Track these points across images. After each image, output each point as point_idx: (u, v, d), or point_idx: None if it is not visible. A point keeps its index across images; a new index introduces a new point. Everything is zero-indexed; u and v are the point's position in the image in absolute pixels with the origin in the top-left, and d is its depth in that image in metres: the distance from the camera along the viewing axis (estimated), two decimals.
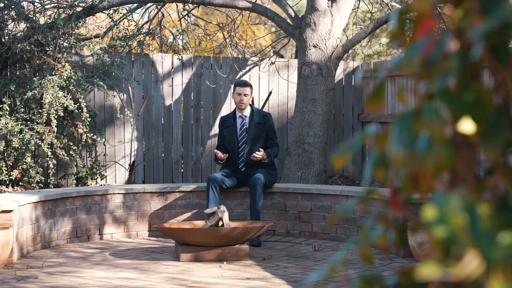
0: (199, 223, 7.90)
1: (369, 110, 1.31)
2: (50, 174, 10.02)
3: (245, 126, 8.61)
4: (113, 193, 8.62)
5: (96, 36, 11.66)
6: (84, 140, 9.87)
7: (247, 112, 8.64)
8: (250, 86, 8.62)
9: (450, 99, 1.12)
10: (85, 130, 9.77)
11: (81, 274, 6.68)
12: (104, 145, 10.46)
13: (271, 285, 6.30)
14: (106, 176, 10.53)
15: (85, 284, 6.26)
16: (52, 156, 9.70)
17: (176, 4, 12.75)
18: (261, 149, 8.41)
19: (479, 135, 1.19)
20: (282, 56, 11.79)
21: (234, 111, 8.74)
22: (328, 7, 10.18)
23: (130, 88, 10.48)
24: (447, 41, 1.17)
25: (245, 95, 8.55)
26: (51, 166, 9.86)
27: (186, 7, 12.78)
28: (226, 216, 7.56)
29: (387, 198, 1.35)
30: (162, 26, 13.47)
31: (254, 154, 8.38)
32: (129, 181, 10.53)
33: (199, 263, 7.24)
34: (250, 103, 8.78)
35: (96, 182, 10.37)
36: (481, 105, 1.11)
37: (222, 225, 7.53)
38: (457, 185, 1.26)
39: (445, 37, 1.16)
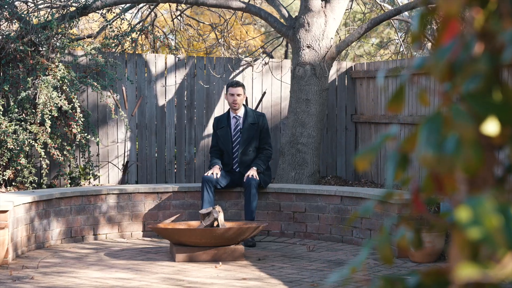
0: (194, 223, 7.90)
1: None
2: (43, 175, 10.00)
3: (239, 127, 8.62)
4: (107, 194, 8.61)
5: (89, 36, 11.64)
6: (78, 140, 9.84)
7: (241, 112, 8.65)
8: (242, 86, 8.63)
9: (478, 101, 1.13)
10: (79, 130, 9.75)
11: (76, 274, 6.67)
12: (97, 145, 10.44)
13: (267, 285, 6.30)
14: (99, 176, 10.52)
15: (81, 285, 6.25)
16: (45, 156, 9.68)
17: (169, 4, 12.74)
18: (251, 169, 8.43)
19: (504, 136, 1.19)
20: (272, 57, 11.78)
21: (228, 111, 8.74)
22: (322, 7, 10.19)
23: (123, 88, 10.46)
24: (473, 43, 1.18)
25: (238, 95, 8.56)
26: (44, 166, 9.83)
27: (179, 7, 12.77)
28: (221, 217, 7.56)
29: (408, 199, 1.36)
30: (154, 26, 13.46)
31: (247, 175, 8.38)
32: (122, 181, 10.52)
33: (194, 264, 7.24)
34: (244, 103, 8.79)
35: (89, 182, 10.35)
36: (509, 107, 1.12)
37: (217, 225, 7.53)
38: (477, 185, 1.27)
39: (472, 40, 1.17)
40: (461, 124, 1.13)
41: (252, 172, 8.40)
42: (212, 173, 8.42)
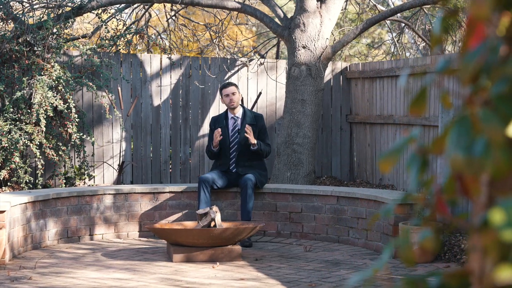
0: (190, 224, 7.91)
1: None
2: (39, 175, 9.98)
3: (237, 127, 8.62)
4: (104, 194, 8.61)
5: (84, 36, 11.63)
6: (73, 140, 9.82)
7: (239, 113, 8.65)
8: (234, 85, 8.63)
9: (507, 103, 1.14)
10: (74, 130, 9.74)
11: (74, 275, 6.66)
12: (93, 145, 10.43)
13: (266, 286, 6.31)
14: (94, 177, 10.51)
15: (79, 285, 6.24)
16: (40, 157, 9.66)
17: (164, 5, 12.73)
18: (248, 126, 8.41)
19: None
20: (263, 57, 11.78)
21: (226, 111, 8.74)
22: (317, 8, 10.21)
23: (119, 88, 10.45)
24: (499, 47, 1.19)
25: (233, 93, 8.56)
26: (40, 166, 9.81)
27: (174, 7, 12.77)
28: (218, 217, 7.56)
29: (432, 201, 1.37)
30: (149, 26, 13.44)
31: (246, 129, 8.36)
32: (118, 182, 10.51)
33: (192, 264, 7.25)
34: (241, 103, 8.79)
35: (84, 182, 10.34)
36: None
37: (215, 225, 7.53)
38: (504, 188, 1.28)
39: (499, 43, 1.18)
40: (490, 127, 1.14)
41: (251, 137, 8.34)
42: (217, 137, 8.36)
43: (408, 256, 1.46)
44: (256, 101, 11.07)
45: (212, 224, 7.54)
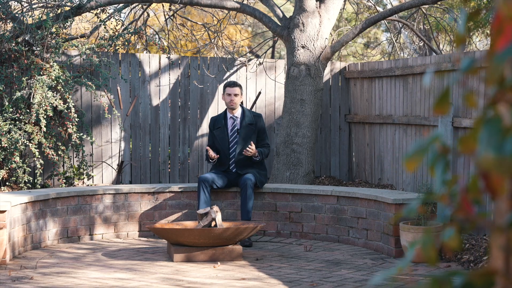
0: (190, 224, 7.91)
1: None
2: (38, 174, 9.97)
3: (236, 127, 8.62)
4: (103, 194, 8.60)
5: (82, 36, 11.62)
6: (73, 140, 9.81)
7: (238, 112, 8.65)
8: (239, 86, 8.63)
9: None
10: (74, 130, 9.73)
11: (75, 274, 6.66)
12: (91, 145, 10.42)
13: (267, 285, 6.31)
14: (93, 176, 10.50)
15: (80, 285, 6.24)
16: (39, 156, 9.66)
17: (162, 4, 12.72)
18: (252, 143, 8.43)
19: None
20: (259, 57, 11.77)
21: (225, 111, 8.75)
22: (317, 7, 10.21)
23: (118, 88, 10.44)
24: None
25: (235, 95, 8.56)
26: (39, 166, 9.80)
27: (172, 7, 12.76)
28: (219, 217, 7.57)
29: (456, 200, 1.37)
30: (147, 26, 13.43)
31: (246, 149, 8.40)
32: (117, 181, 10.50)
33: (193, 264, 7.25)
34: (241, 103, 8.79)
35: (83, 182, 10.33)
36: None
37: (215, 225, 7.53)
38: None
39: None
40: None
41: (250, 148, 8.35)
42: (211, 154, 8.38)
43: (430, 255, 1.46)
44: (255, 101, 11.07)
45: (213, 224, 7.55)
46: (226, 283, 6.38)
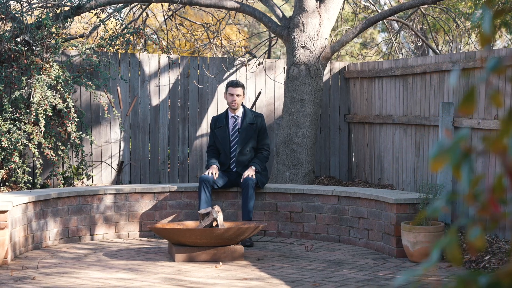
0: (191, 224, 7.90)
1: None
2: (37, 174, 9.95)
3: (237, 127, 8.63)
4: (104, 194, 8.59)
5: (81, 36, 11.60)
6: (72, 139, 9.79)
7: (239, 112, 8.66)
8: (242, 86, 8.64)
9: None
10: (74, 129, 9.72)
11: (77, 274, 6.65)
12: (91, 145, 10.41)
13: (269, 285, 6.31)
14: (92, 176, 10.48)
15: (83, 285, 6.23)
16: (39, 156, 9.64)
17: (162, 4, 12.71)
18: (250, 168, 8.45)
19: None
20: (255, 57, 11.77)
21: (226, 111, 8.75)
22: (317, 7, 10.21)
23: (118, 88, 10.43)
24: None
25: (237, 95, 8.57)
26: (38, 166, 9.79)
27: (171, 7, 12.75)
28: (220, 217, 7.56)
29: (482, 199, 1.37)
30: (146, 26, 13.42)
31: (244, 177, 8.40)
32: (117, 182, 10.49)
33: (194, 264, 7.25)
34: (241, 103, 8.79)
35: (82, 182, 10.32)
36: None
37: (217, 225, 7.53)
38: None
39: None
40: None
41: (250, 172, 8.41)
42: (210, 173, 8.43)
43: (455, 255, 1.46)
44: (255, 101, 11.06)
45: (214, 224, 7.54)
46: (229, 283, 6.38)
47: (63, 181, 9.99)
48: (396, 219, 7.61)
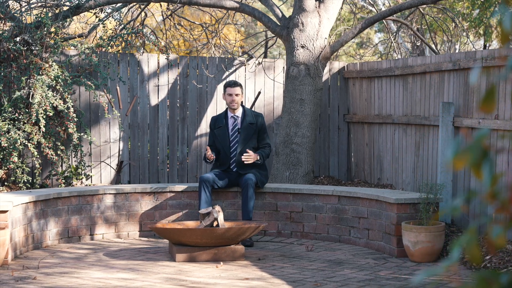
0: (192, 223, 7.89)
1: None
2: (36, 174, 9.93)
3: (237, 127, 8.62)
4: (104, 194, 8.58)
5: (80, 36, 11.58)
6: (73, 139, 9.77)
7: (239, 112, 8.65)
8: (240, 86, 8.63)
9: None
10: (75, 129, 9.71)
11: (78, 274, 6.64)
12: (90, 145, 10.40)
13: (271, 285, 6.30)
14: (91, 176, 10.47)
15: (84, 285, 6.22)
16: (38, 156, 9.62)
17: (160, 4, 12.70)
18: (247, 151, 8.43)
19: None
20: (252, 57, 11.76)
21: (226, 111, 8.74)
22: (316, 7, 10.20)
23: (117, 87, 10.42)
24: None
25: (236, 95, 8.56)
26: (37, 166, 9.77)
27: (170, 6, 12.73)
28: (221, 217, 7.56)
29: (503, 198, 1.37)
30: (144, 25, 13.40)
31: (244, 155, 8.38)
32: (116, 181, 10.48)
33: (195, 264, 7.24)
34: (241, 103, 8.78)
35: (81, 182, 10.30)
36: None
37: (217, 225, 7.52)
38: None
39: None
40: None
41: (251, 154, 8.35)
42: (208, 155, 8.37)
43: (474, 254, 1.46)
44: (255, 101, 11.05)
45: (215, 223, 7.54)
46: (230, 283, 6.37)
47: (64, 181, 9.97)
48: (397, 219, 7.61)
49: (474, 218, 7.97)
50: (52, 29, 9.89)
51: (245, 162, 8.41)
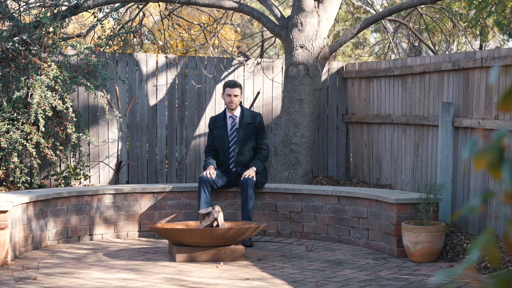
0: (192, 224, 7.88)
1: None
2: (35, 174, 9.92)
3: (235, 126, 8.61)
4: (104, 194, 8.57)
5: (78, 36, 11.57)
6: (72, 140, 9.75)
7: (237, 112, 8.64)
8: (239, 86, 8.62)
9: None
10: (74, 130, 9.69)
11: (78, 275, 6.63)
12: (88, 145, 10.38)
13: (272, 286, 6.30)
14: (90, 176, 10.45)
15: (84, 285, 6.21)
16: (37, 156, 9.61)
17: (159, 4, 12.69)
18: (250, 168, 8.43)
19: None
20: (248, 58, 11.76)
21: (224, 111, 8.73)
22: (315, 7, 10.20)
23: (117, 88, 10.40)
24: None
25: (235, 95, 8.55)
26: (36, 166, 9.75)
27: (168, 6, 12.72)
28: (221, 217, 7.55)
29: None
30: (143, 25, 13.39)
31: (244, 176, 8.38)
32: (115, 181, 10.46)
33: (195, 264, 7.23)
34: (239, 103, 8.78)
35: (80, 182, 10.29)
36: None
37: (217, 225, 7.52)
38: None
39: None
40: None
41: (251, 172, 8.39)
42: (208, 174, 8.40)
43: (493, 255, 1.45)
44: (254, 101, 11.04)
45: (215, 224, 7.53)
46: (231, 283, 6.36)
47: (63, 181, 9.96)
48: (397, 219, 7.61)
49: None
50: (51, 29, 9.87)
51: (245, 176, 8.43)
